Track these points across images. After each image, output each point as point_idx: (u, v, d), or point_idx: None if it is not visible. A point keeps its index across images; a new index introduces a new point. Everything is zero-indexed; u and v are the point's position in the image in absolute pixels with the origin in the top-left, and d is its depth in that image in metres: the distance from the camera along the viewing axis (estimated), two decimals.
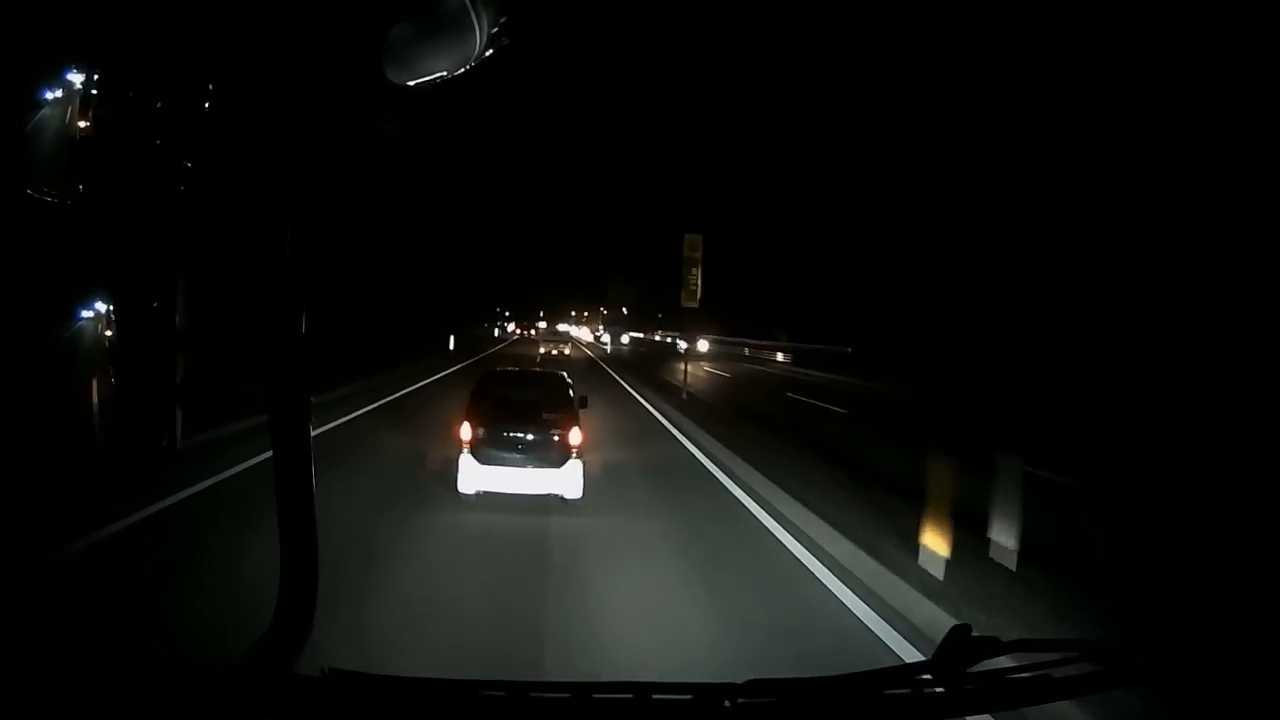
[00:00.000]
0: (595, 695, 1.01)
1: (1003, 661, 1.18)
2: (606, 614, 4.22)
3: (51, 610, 3.62)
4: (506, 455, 6.60)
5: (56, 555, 4.82)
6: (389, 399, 14.39)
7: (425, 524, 6.00)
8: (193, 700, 0.96)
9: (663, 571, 5.00)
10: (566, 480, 6.56)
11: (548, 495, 6.58)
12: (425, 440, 9.23)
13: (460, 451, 6.64)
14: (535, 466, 6.58)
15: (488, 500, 6.51)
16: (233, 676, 0.99)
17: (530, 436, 6.69)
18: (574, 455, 6.61)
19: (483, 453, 6.58)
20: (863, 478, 7.75)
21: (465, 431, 6.66)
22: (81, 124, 0.96)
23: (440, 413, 11.33)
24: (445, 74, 0.91)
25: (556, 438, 6.68)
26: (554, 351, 47.04)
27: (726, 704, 1.02)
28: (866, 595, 4.60)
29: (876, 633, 4.09)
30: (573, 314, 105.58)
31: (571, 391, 7.48)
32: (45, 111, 0.97)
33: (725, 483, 8.09)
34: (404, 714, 1.02)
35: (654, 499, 7.29)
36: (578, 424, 6.84)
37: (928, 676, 1.11)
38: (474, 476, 6.56)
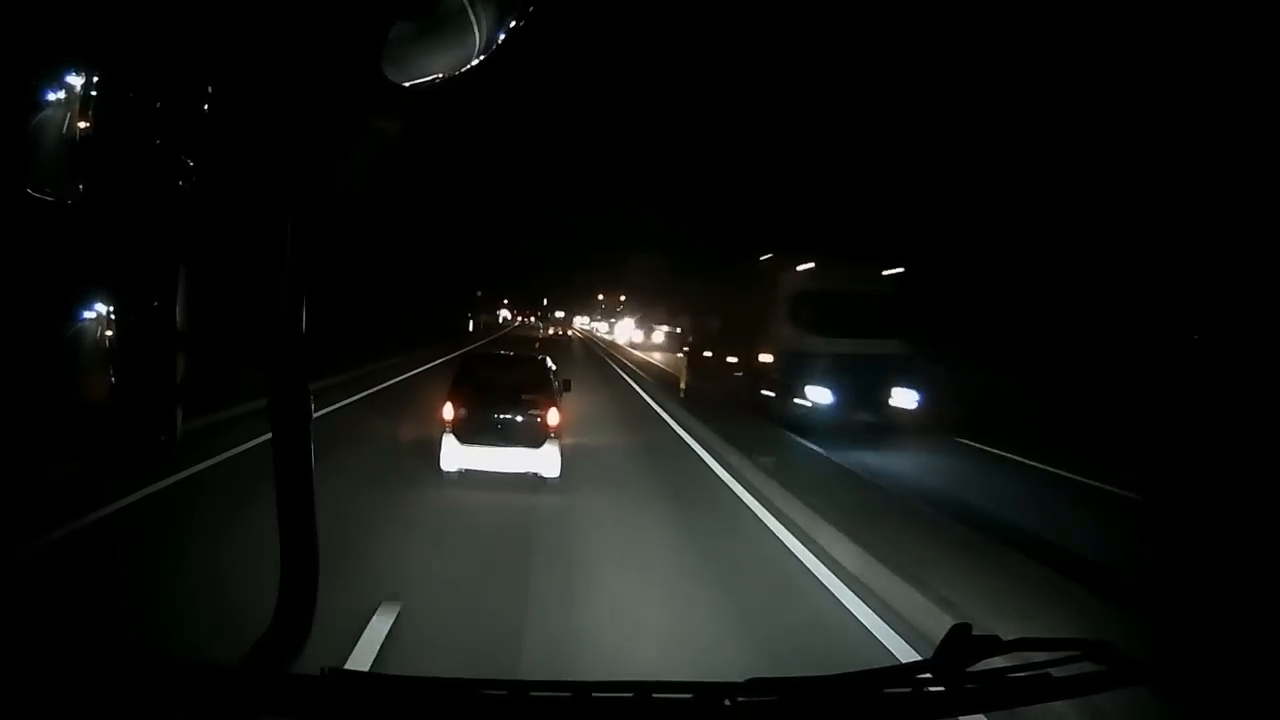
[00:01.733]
0: (595, 695, 1.01)
1: (1003, 661, 1.18)
2: None
3: (47, 603, 3.62)
4: (487, 435, 6.93)
5: (45, 542, 4.82)
6: None
7: None
8: (192, 700, 0.96)
9: None
10: (544, 460, 6.89)
11: (526, 474, 6.92)
12: None
13: (443, 431, 6.93)
14: (514, 446, 6.89)
15: None
16: (232, 676, 0.99)
17: (510, 417, 7.02)
18: (552, 436, 6.94)
19: (464, 433, 6.90)
20: None
21: (448, 411, 6.98)
22: (81, 124, 0.96)
23: None
24: (444, 74, 0.91)
25: (536, 419, 6.99)
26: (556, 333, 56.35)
27: (727, 703, 1.02)
28: None
29: None
30: (600, 298, 76.34)
31: (552, 375, 7.83)
32: (45, 111, 0.97)
33: None
34: (404, 714, 1.02)
35: None
36: (556, 406, 7.18)
37: (927, 676, 1.11)
38: (455, 455, 6.88)
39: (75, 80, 0.97)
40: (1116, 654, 1.15)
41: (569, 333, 54.17)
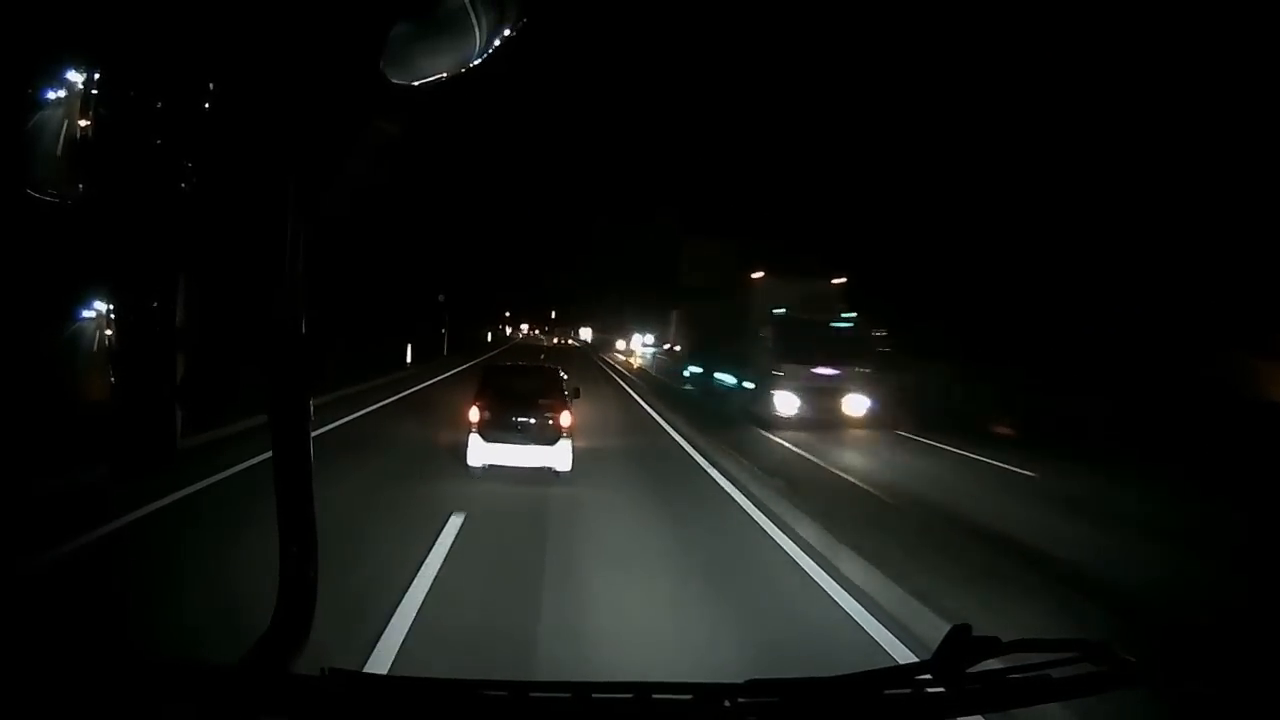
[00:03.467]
0: (595, 695, 1.01)
1: (1002, 662, 1.18)
2: None
3: (50, 611, 3.62)
4: (508, 435, 7.90)
5: (52, 555, 4.82)
6: None
7: None
8: (192, 700, 0.96)
9: None
10: (558, 456, 7.86)
11: (542, 468, 7.84)
12: None
13: (470, 432, 7.92)
14: (532, 444, 7.86)
15: None
16: (232, 676, 0.99)
17: (528, 419, 7.97)
18: (564, 435, 7.92)
19: (488, 433, 7.89)
20: None
21: (474, 414, 7.98)
22: (82, 124, 0.96)
23: None
24: (445, 74, 0.91)
25: (550, 421, 7.96)
26: None
27: (726, 704, 1.02)
28: None
29: None
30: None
31: (564, 382, 8.79)
32: (45, 111, 0.97)
33: None
34: (404, 714, 1.02)
35: None
36: (568, 409, 8.16)
37: (928, 676, 1.11)
38: (480, 453, 7.88)
39: (75, 79, 0.97)
40: (1116, 655, 1.15)
41: (569, 341, 42.40)
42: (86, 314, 0.99)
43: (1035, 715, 2.67)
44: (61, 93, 0.97)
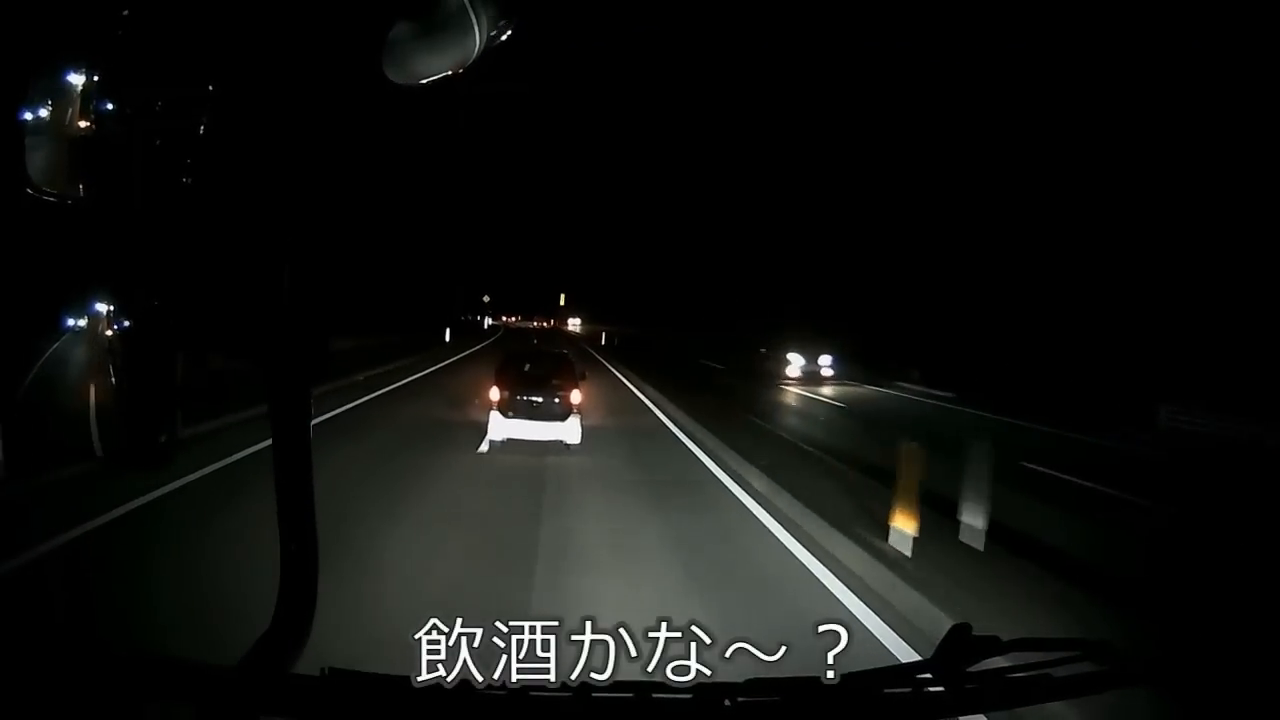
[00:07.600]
0: (595, 695, 1.01)
1: (1003, 661, 1.18)
2: None
3: (47, 609, 3.61)
4: (524, 412, 8.83)
5: (50, 550, 4.81)
6: None
7: None
8: (192, 700, 0.96)
9: None
10: (569, 430, 8.82)
11: (555, 442, 8.77)
12: None
13: (490, 410, 8.89)
14: (546, 420, 8.81)
15: None
16: (232, 676, 0.99)
17: (542, 399, 8.90)
18: (574, 412, 8.91)
19: (506, 410, 8.84)
20: None
21: (494, 394, 8.91)
22: (81, 124, 0.96)
23: None
24: (444, 74, 0.91)
25: (559, 400, 8.92)
26: None
27: (726, 703, 1.02)
28: None
29: None
30: None
31: (574, 365, 9.97)
32: (45, 112, 0.97)
33: None
34: (404, 714, 1.02)
35: None
36: (577, 388, 9.16)
37: (928, 676, 1.11)
38: (500, 428, 8.83)
39: (75, 80, 0.97)
40: (1116, 654, 1.15)
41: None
42: (85, 317, 0.99)
43: (1036, 714, 2.67)
44: (62, 94, 0.97)
